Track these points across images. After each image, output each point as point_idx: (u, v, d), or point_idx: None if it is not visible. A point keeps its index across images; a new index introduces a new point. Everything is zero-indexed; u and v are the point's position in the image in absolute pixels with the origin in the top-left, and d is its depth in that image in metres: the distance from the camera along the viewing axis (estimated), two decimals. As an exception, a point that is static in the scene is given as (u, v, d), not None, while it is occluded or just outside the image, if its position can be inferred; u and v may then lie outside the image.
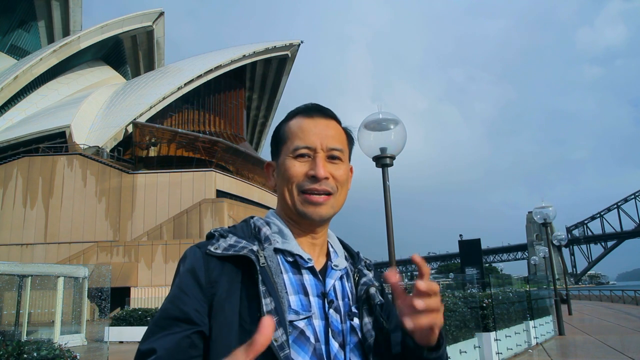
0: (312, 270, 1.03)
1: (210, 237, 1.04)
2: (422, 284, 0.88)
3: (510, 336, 9.37)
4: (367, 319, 1.04)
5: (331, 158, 1.08)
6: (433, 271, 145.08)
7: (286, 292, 0.97)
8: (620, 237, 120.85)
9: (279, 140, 1.12)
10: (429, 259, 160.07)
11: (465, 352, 7.29)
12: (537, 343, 10.97)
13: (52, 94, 45.91)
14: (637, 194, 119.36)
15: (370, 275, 1.13)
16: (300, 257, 1.03)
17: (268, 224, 1.08)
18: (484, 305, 8.59)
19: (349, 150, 1.14)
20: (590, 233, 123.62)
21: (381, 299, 1.11)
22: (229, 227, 1.08)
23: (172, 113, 44.62)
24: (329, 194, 1.06)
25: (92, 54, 50.87)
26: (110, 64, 55.02)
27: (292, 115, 1.13)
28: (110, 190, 34.58)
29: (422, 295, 0.88)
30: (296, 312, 0.96)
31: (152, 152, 39.94)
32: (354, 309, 1.05)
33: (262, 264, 0.96)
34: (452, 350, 6.88)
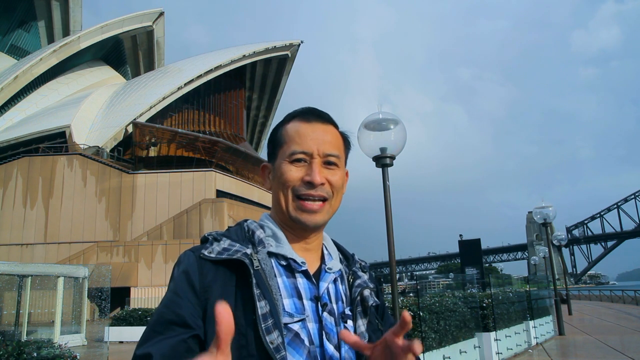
0: (305, 273, 1.04)
1: (204, 241, 1.04)
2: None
3: (510, 336, 9.38)
4: (360, 321, 1.05)
5: (327, 164, 1.08)
6: (433, 271, 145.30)
7: (280, 295, 0.97)
8: (620, 237, 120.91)
9: (276, 143, 1.12)
10: (429, 259, 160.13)
11: (465, 352, 7.30)
12: (537, 343, 10.97)
13: (52, 94, 45.90)
14: (637, 194, 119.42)
15: (365, 277, 1.14)
16: (294, 260, 1.03)
17: (262, 227, 1.09)
18: (484, 305, 8.60)
19: (346, 155, 1.15)
20: (590, 233, 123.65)
21: (376, 300, 1.11)
22: (223, 231, 1.08)
23: (172, 113, 44.61)
24: (324, 199, 1.07)
25: (92, 54, 50.85)
26: (110, 64, 55.01)
27: (289, 118, 1.13)
28: (110, 190, 34.58)
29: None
30: (290, 315, 0.97)
31: (152, 152, 39.94)
32: (347, 312, 1.06)
33: (256, 267, 0.97)
34: (452, 350, 6.89)
